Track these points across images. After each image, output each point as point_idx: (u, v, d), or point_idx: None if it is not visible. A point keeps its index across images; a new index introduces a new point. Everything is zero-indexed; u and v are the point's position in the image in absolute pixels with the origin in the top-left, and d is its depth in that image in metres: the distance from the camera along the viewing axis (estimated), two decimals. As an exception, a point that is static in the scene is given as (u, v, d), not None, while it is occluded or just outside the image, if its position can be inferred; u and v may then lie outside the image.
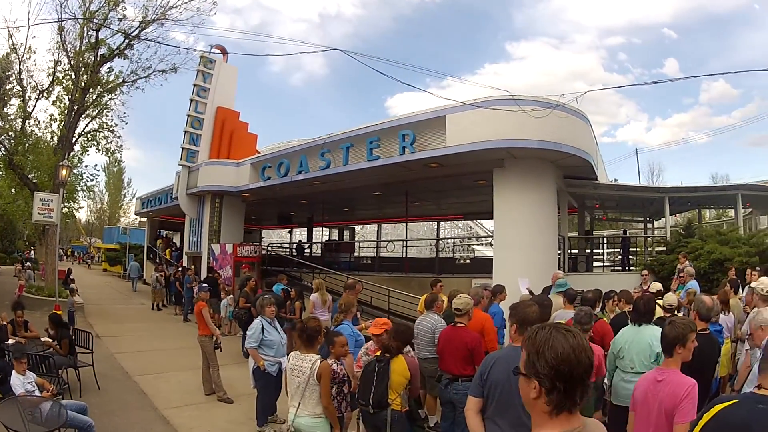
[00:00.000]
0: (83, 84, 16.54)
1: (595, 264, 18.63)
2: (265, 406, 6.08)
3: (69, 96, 16.57)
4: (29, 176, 16.57)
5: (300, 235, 29.51)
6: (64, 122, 16.82)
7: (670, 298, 6.08)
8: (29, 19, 17.87)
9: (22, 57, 16.37)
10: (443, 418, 5.16)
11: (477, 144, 10.11)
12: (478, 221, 29.04)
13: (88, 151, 18.24)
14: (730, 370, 5.94)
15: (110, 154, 19.35)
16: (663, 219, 16.91)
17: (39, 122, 17.63)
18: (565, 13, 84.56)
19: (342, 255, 21.65)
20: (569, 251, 15.05)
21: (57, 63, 16.72)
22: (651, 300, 4.95)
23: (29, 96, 16.92)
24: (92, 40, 16.50)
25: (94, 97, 17.31)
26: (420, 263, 18.23)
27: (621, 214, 23.93)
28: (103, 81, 17.33)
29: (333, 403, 4.06)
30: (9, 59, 16.61)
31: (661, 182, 36.49)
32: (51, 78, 16.72)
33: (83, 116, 17.31)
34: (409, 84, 48.14)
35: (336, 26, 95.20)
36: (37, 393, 5.23)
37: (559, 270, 10.30)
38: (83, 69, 16.60)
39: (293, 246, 25.67)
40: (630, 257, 16.61)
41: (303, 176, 13.66)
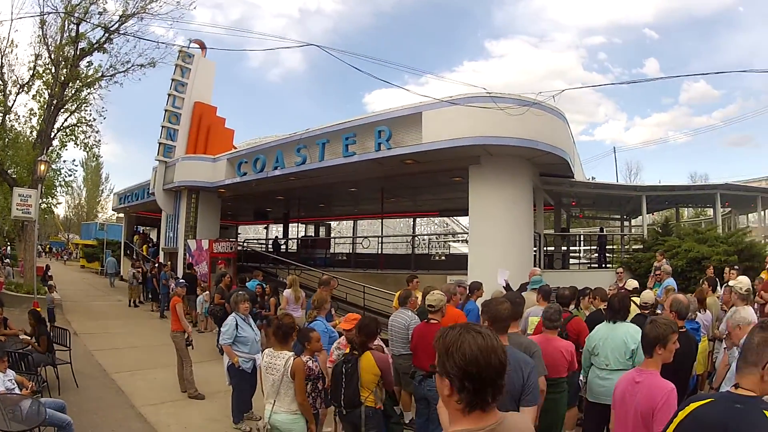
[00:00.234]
0: (63, 78, 16.36)
1: (572, 261, 18.77)
2: (241, 403, 6.11)
3: (48, 90, 16.41)
4: (8, 171, 16.27)
5: (276, 231, 29.45)
6: (44, 117, 16.65)
7: (647, 296, 6.09)
8: (12, 13, 17.66)
9: (4, 51, 16.10)
10: (418, 415, 5.16)
11: (453, 141, 10.11)
12: (455, 218, 29.10)
13: (67, 146, 18.06)
14: (708, 368, 5.99)
15: (88, 149, 19.00)
16: (640, 217, 17.04)
17: (19, 117, 17.45)
18: (546, 12, 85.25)
19: (318, 251, 21.58)
20: (545, 248, 15.13)
21: (38, 57, 16.56)
22: (625, 297, 4.96)
23: (10, 90, 16.64)
24: (72, 34, 16.33)
25: (73, 92, 17.11)
26: (396, 260, 18.18)
27: (598, 212, 24.19)
28: (83, 75, 17.13)
29: (308, 400, 4.10)
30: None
31: (639, 181, 36.98)
32: (32, 72, 16.54)
33: (62, 111, 17.11)
34: (385, 80, 48.26)
35: (316, 22, 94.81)
36: (17, 391, 5.18)
37: (536, 267, 10.33)
38: (63, 63, 16.41)
39: (270, 242, 25.56)
40: (607, 255, 16.74)
41: (279, 172, 13.53)
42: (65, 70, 16.39)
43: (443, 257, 20.38)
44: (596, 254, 18.23)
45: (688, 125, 63.93)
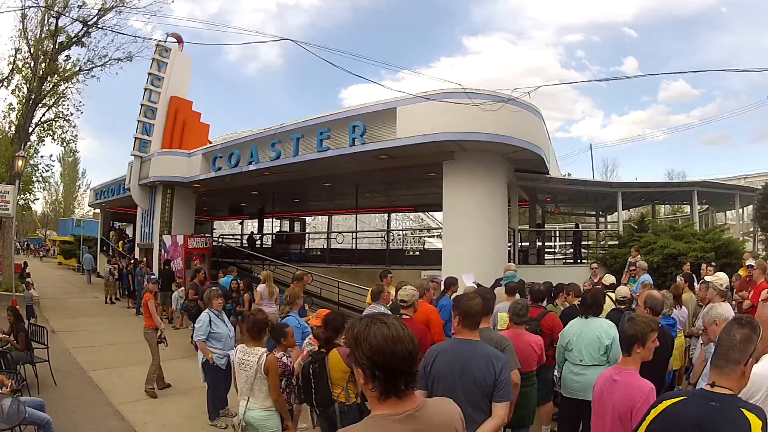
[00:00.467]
0: (41, 72, 16.21)
1: (548, 257, 18.94)
2: (216, 400, 6.08)
3: (27, 85, 16.29)
4: (-14, 168, 15.93)
5: (252, 227, 29.24)
6: (22, 112, 16.46)
7: (623, 291, 6.10)
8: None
9: (-15, 46, 15.93)
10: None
11: (427, 136, 10.08)
12: (430, 213, 29.20)
13: (44, 141, 18.00)
14: (685, 363, 6.02)
15: (65, 144, 18.92)
16: (616, 213, 17.24)
17: (-2, 112, 17.20)
18: (525, 10, 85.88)
19: (293, 246, 21.54)
20: (520, 244, 15.22)
21: (17, 51, 16.42)
22: (598, 293, 4.98)
23: (-11, 85, 16.44)
24: (52, 28, 16.20)
25: (51, 86, 16.95)
26: (370, 255, 18.14)
27: (573, 208, 24.42)
28: (61, 69, 16.97)
29: (283, 396, 4.09)
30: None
31: (615, 178, 37.30)
32: (11, 66, 16.40)
33: (40, 105, 16.94)
34: (360, 75, 48.18)
35: (294, 17, 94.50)
36: None
37: (511, 263, 10.37)
38: (42, 57, 16.26)
39: (245, 237, 25.42)
40: (582, 250, 16.91)
41: (253, 167, 13.41)
42: (44, 65, 16.29)
43: (418, 252, 20.40)
44: (571, 250, 18.40)
45: (666, 123, 64.84)
